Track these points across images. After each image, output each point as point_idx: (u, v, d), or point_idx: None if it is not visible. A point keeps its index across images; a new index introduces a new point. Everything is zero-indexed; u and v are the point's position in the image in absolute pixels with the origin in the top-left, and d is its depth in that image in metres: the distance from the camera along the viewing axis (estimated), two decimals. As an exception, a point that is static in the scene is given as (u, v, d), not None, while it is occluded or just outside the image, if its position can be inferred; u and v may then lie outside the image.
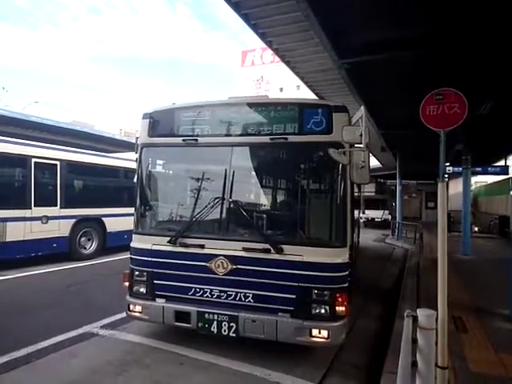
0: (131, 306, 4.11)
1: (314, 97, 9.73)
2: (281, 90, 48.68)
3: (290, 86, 43.46)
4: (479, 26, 5.42)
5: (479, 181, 29.39)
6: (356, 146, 3.52)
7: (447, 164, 13.34)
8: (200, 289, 3.83)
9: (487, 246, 14.02)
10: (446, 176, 13.96)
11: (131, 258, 4.20)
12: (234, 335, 3.64)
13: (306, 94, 10.99)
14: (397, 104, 9.61)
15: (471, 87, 5.03)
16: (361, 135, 3.27)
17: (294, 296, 3.55)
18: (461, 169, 11.96)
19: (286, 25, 6.24)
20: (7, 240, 7.56)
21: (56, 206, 8.64)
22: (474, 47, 5.90)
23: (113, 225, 9.95)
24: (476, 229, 18.55)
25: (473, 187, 21.63)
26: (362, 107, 3.40)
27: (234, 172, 3.91)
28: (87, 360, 3.78)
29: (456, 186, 20.28)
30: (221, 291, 3.77)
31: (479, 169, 14.23)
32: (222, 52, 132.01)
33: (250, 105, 4.04)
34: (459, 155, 11.84)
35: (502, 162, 19.16)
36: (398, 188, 17.68)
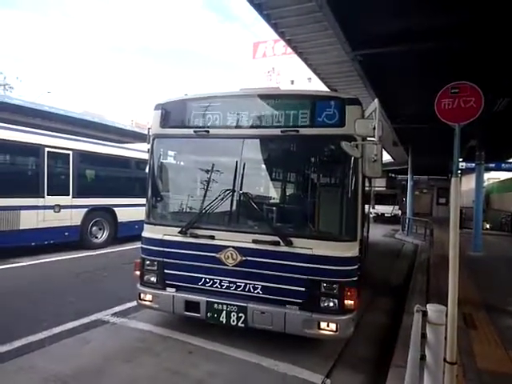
0: (142, 295, 4.17)
1: (326, 89, 9.64)
2: (292, 82, 48.20)
3: (301, 79, 43.03)
4: (496, 21, 5.29)
5: (492, 177, 28.92)
6: (368, 139, 3.48)
7: (460, 160, 13.13)
8: (210, 279, 3.87)
9: (498, 243, 13.85)
10: (460, 172, 13.75)
11: (142, 247, 4.26)
12: (242, 325, 3.68)
13: (318, 87, 10.88)
14: (410, 98, 9.49)
15: (486, 83, 4.93)
16: (374, 128, 3.23)
17: (302, 289, 3.56)
18: (474, 165, 11.76)
19: (299, 15, 6.18)
20: (21, 228, 7.74)
21: (68, 195, 8.78)
22: (491, 42, 5.78)
23: (124, 215, 10.07)
24: (487, 226, 18.32)
25: (485, 183, 21.28)
26: (376, 100, 3.35)
27: (244, 164, 3.91)
28: (99, 346, 3.87)
29: (468, 183, 19.97)
30: (230, 282, 3.80)
31: (493, 165, 13.99)
32: (234, 43, 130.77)
33: (262, 96, 4.01)
34: (472, 151, 11.64)
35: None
36: (410, 183, 17.48)
